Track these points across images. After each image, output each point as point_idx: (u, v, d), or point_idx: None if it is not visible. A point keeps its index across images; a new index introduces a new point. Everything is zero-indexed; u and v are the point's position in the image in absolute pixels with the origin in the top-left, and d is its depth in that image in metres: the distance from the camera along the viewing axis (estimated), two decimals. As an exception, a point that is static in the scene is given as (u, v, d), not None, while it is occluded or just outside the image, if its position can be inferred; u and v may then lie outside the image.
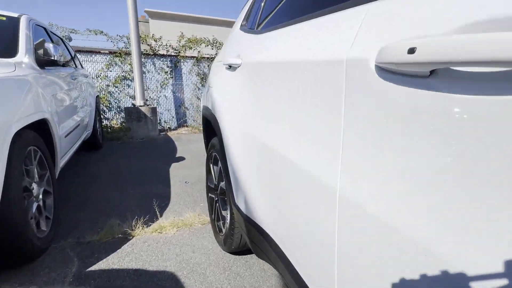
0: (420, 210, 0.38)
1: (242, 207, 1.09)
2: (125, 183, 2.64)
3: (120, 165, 3.25)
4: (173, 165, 3.31)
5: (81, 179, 2.74)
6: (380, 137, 0.41)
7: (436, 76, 0.34)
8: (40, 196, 1.62)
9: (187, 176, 2.90)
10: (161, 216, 2.01)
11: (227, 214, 1.37)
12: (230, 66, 1.17)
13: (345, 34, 0.50)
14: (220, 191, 1.53)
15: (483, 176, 0.30)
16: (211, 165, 1.69)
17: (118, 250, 1.59)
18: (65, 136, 2.20)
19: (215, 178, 1.61)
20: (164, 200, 2.29)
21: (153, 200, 2.26)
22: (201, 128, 6.13)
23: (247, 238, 1.10)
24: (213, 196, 1.68)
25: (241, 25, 1.41)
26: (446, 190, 0.34)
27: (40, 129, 1.73)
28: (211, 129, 1.78)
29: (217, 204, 1.59)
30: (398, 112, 0.38)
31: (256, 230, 1.00)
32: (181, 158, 3.62)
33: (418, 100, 0.35)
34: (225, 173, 1.25)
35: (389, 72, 0.39)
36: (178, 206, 2.19)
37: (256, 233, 1.00)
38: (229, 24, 13.39)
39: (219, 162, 1.46)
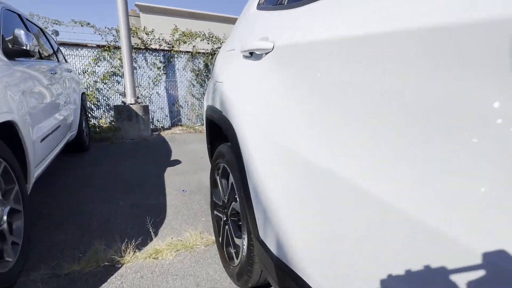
0: None
1: (271, 245, 0.80)
2: (113, 193, 2.32)
3: (108, 170, 2.92)
4: (168, 170, 2.99)
5: (62, 188, 2.40)
6: None
7: None
8: (4, 218, 1.30)
9: (184, 183, 2.59)
10: (156, 235, 1.70)
11: (243, 244, 1.08)
12: (251, 54, 0.88)
13: None
14: (231, 211, 1.23)
15: None
16: (217, 177, 1.40)
17: (103, 285, 1.28)
18: (41, 141, 1.86)
19: (224, 195, 1.32)
20: (159, 214, 1.98)
21: (147, 214, 1.95)
22: (197, 127, 5.80)
23: (278, 288, 0.82)
24: (221, 215, 1.39)
25: (259, 4, 1.11)
26: None
27: (5, 134, 1.40)
28: (217, 133, 1.49)
29: (227, 227, 1.30)
30: None
31: (295, 283, 0.71)
32: (177, 162, 3.31)
33: None
34: (243, 194, 0.96)
35: None
36: (176, 222, 1.89)
37: (295, 287, 0.71)
38: (224, 20, 12.99)
39: (231, 176, 1.17)
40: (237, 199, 1.11)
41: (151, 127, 5.31)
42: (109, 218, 1.91)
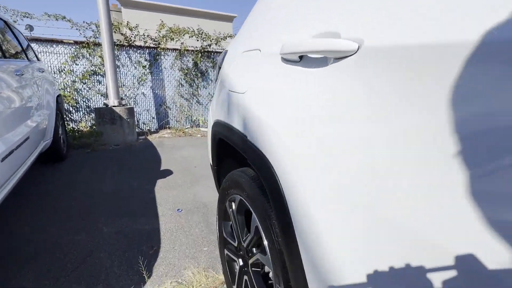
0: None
1: None
2: (95, 215, 1.98)
3: (88, 185, 2.55)
4: (159, 183, 2.66)
5: (32, 212, 2.03)
6: None
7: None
8: None
9: (179, 200, 2.28)
10: (150, 276, 1.39)
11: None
12: (300, 58, 0.59)
13: None
14: (255, 261, 0.95)
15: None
16: (230, 210, 1.11)
17: None
18: (3, 159, 1.51)
19: (241, 236, 1.03)
20: (152, 243, 1.67)
21: (137, 245, 1.63)
22: (186, 130, 5.45)
23: None
24: (235, 259, 1.10)
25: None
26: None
27: None
28: (224, 149, 1.20)
29: (246, 277, 1.02)
30: None
31: None
32: (168, 172, 2.97)
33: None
34: (289, 260, 0.68)
35: None
36: (173, 254, 1.58)
37: None
38: (212, 17, 12.57)
39: (255, 217, 0.88)
40: (266, 251, 0.83)
41: (137, 130, 4.92)
42: (90, 251, 1.58)
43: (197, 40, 5.49)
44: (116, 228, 1.82)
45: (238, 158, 1.25)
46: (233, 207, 1.09)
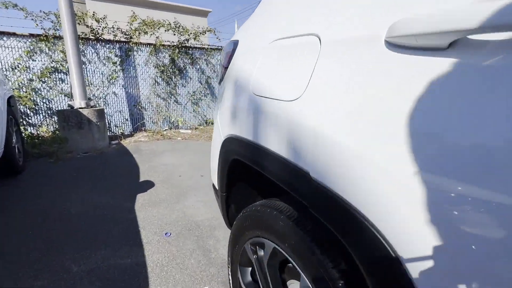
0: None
1: None
2: (60, 248, 1.58)
3: (51, 205, 2.11)
4: (139, 198, 2.28)
5: (-23, 247, 1.59)
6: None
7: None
8: None
9: (166, 220, 1.93)
10: (139, 337, 1.06)
11: None
12: (449, 45, 0.33)
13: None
14: None
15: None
16: (254, 257, 0.82)
17: None
18: None
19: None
20: (138, 286, 1.33)
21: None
22: (165, 133, 5.01)
23: None
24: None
25: None
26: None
27: None
28: (240, 175, 0.91)
29: None
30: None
31: None
32: (149, 185, 2.59)
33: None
34: None
35: None
36: (166, 299, 1.25)
37: None
38: (186, 11, 11.98)
39: (307, 282, 0.60)
40: None
41: (109, 134, 4.41)
42: (55, 303, 1.21)
43: (174, 35, 5.05)
44: (89, 265, 1.45)
45: (256, 182, 0.96)
46: (259, 253, 0.80)
